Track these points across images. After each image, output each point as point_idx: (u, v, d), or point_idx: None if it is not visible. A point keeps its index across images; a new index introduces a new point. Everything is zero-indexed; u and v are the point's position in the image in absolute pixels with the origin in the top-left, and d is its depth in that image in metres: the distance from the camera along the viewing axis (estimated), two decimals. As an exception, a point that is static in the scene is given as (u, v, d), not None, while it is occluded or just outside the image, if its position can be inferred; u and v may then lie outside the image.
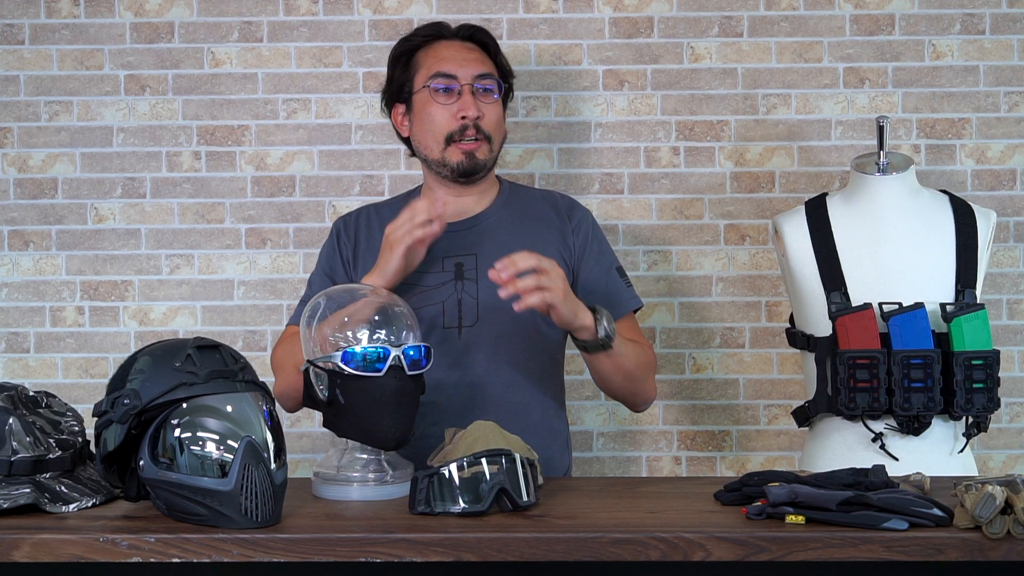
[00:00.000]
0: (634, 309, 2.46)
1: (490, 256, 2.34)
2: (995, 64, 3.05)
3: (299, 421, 3.07)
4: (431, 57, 2.42)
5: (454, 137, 2.38)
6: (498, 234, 2.42)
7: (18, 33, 3.10)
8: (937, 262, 2.46)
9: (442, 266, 2.39)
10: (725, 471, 3.07)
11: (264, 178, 3.09)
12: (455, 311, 2.36)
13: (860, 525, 1.72)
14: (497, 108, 2.42)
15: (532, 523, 1.80)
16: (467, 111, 2.37)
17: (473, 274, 2.38)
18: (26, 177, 3.10)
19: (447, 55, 2.41)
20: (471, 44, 2.45)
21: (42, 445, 1.91)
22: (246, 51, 3.09)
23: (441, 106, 2.38)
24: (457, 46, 2.43)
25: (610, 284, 2.43)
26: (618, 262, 2.49)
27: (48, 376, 3.09)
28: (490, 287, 2.31)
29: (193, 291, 3.09)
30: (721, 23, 3.07)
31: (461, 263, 2.39)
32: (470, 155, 2.38)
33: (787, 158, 3.07)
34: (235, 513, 1.75)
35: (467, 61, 2.40)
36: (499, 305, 2.28)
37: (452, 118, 2.37)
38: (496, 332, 2.35)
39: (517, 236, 2.41)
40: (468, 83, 2.38)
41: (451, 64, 2.40)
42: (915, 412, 2.38)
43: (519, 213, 2.47)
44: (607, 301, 2.38)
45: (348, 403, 1.96)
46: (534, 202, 2.50)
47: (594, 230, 2.48)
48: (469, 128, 2.37)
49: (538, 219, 2.46)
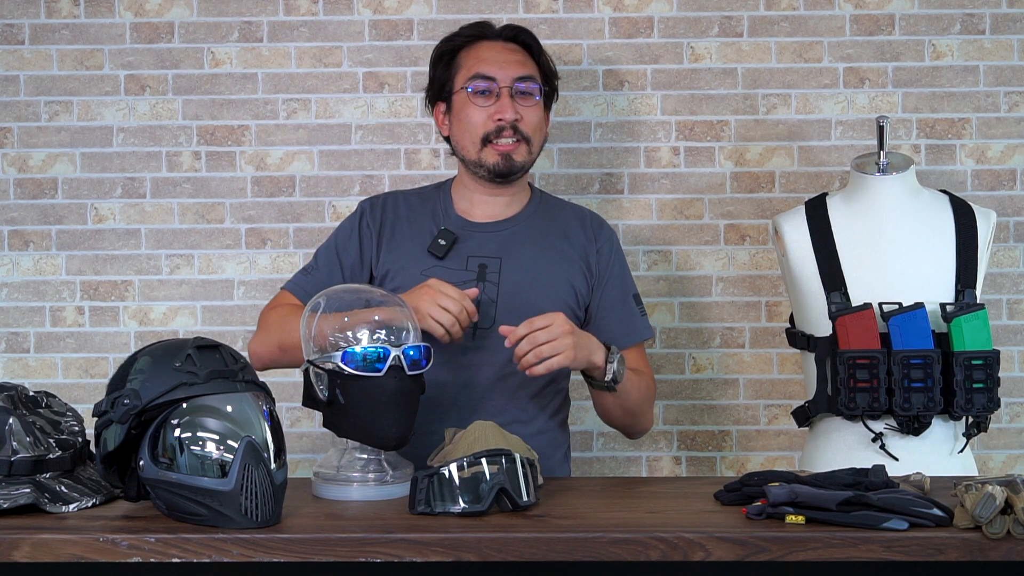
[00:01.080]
0: (645, 339, 2.48)
1: (515, 262, 2.38)
2: (995, 64, 3.05)
3: (299, 421, 3.07)
4: (472, 58, 2.42)
5: (490, 138, 2.38)
6: (525, 242, 2.42)
7: (18, 33, 3.10)
8: (937, 262, 2.46)
9: (466, 265, 2.39)
10: (725, 471, 3.07)
11: (264, 178, 3.09)
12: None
13: (860, 525, 1.72)
14: (537, 110, 2.42)
15: (532, 523, 1.80)
16: (504, 113, 2.37)
17: (496, 277, 2.38)
18: (26, 177, 3.10)
19: (488, 56, 2.41)
20: (513, 45, 2.44)
21: (42, 445, 1.91)
22: (246, 51, 3.09)
23: (479, 108, 2.38)
24: (499, 47, 2.43)
25: (626, 311, 2.45)
26: (636, 289, 2.49)
27: (48, 376, 3.09)
28: (510, 292, 2.35)
29: (193, 291, 3.09)
30: (721, 23, 3.07)
31: (485, 265, 2.39)
32: (506, 156, 2.38)
33: (787, 158, 3.07)
34: (235, 513, 1.75)
35: (507, 63, 2.40)
36: (517, 311, 2.30)
37: (489, 120, 2.37)
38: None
39: (543, 247, 2.42)
40: (507, 85, 2.38)
41: (491, 66, 2.39)
42: (915, 412, 2.38)
43: (548, 224, 2.47)
44: (620, 327, 2.41)
45: (348, 403, 1.96)
46: (563, 216, 2.50)
47: (617, 254, 2.49)
48: (506, 129, 2.37)
49: (565, 234, 2.46)
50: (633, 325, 2.45)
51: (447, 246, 2.39)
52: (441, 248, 2.39)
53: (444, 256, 2.39)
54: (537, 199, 2.51)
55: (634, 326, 2.45)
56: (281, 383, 2.99)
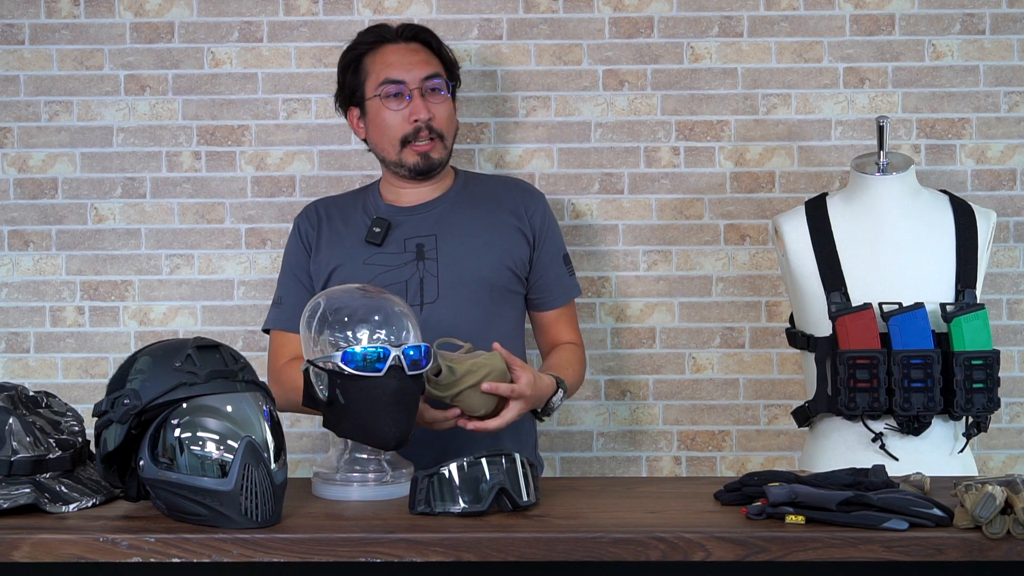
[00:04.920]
0: (575, 297, 2.63)
1: (450, 236, 2.51)
2: (995, 64, 3.05)
3: (299, 421, 3.07)
4: (378, 63, 2.52)
5: (408, 139, 2.49)
6: (456, 216, 2.54)
7: (18, 33, 3.10)
8: (937, 262, 2.46)
9: (403, 247, 2.50)
10: (725, 471, 3.06)
11: (264, 178, 3.09)
12: (417, 289, 2.46)
13: (860, 525, 1.72)
14: (446, 105, 2.53)
15: (532, 523, 1.80)
16: (418, 114, 2.48)
17: (433, 254, 2.49)
18: (26, 177, 3.10)
19: (393, 60, 2.51)
20: (415, 44, 2.55)
21: (42, 445, 1.91)
22: (246, 51, 3.09)
23: (393, 112, 2.49)
24: (402, 49, 2.53)
25: (556, 271, 2.59)
26: (565, 249, 2.63)
27: (48, 376, 3.09)
28: (449, 266, 2.47)
29: (193, 291, 3.09)
30: (721, 23, 3.07)
31: (422, 244, 2.50)
32: (425, 156, 2.50)
33: (787, 158, 3.07)
34: (235, 513, 1.76)
35: (413, 64, 2.51)
36: (458, 283, 2.46)
37: (405, 122, 2.49)
38: (454, 308, 2.45)
39: (475, 218, 2.54)
40: (417, 86, 2.49)
41: (398, 69, 2.50)
42: (915, 412, 2.38)
43: (476, 196, 2.59)
44: (556, 287, 2.59)
45: (348, 403, 1.96)
46: (490, 186, 2.64)
47: (548, 216, 2.62)
48: (423, 130, 2.48)
49: (494, 201, 2.58)
50: (564, 285, 2.60)
51: (382, 232, 2.50)
52: (377, 235, 2.50)
53: (382, 242, 2.50)
54: (463, 177, 2.64)
55: (564, 286, 2.60)
56: (281, 383, 2.99)
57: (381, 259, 2.49)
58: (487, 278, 2.49)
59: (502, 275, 2.51)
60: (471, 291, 2.47)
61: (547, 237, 2.58)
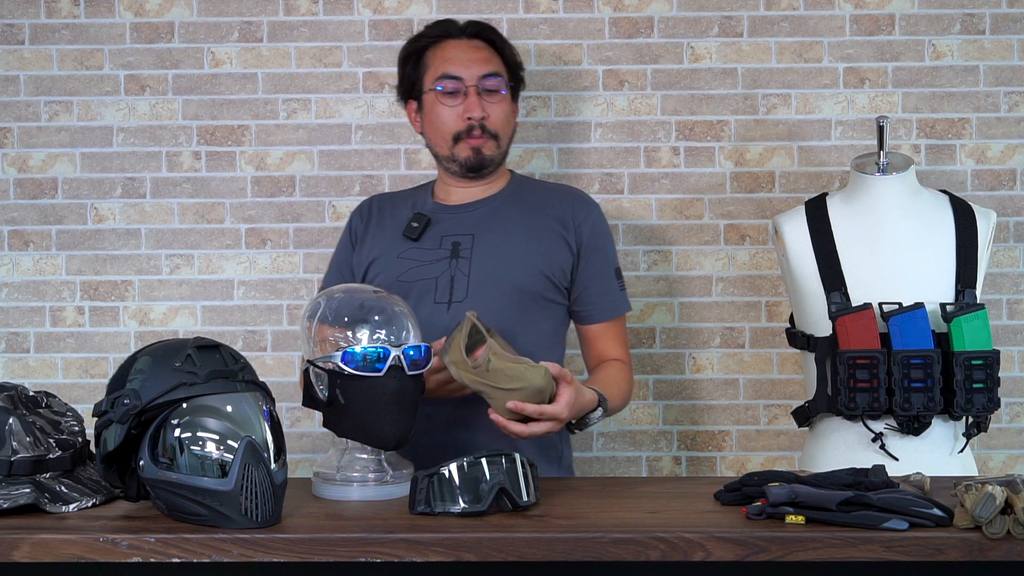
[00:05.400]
0: (623, 314, 2.53)
1: (488, 238, 2.46)
2: (995, 64, 3.05)
3: (299, 421, 3.07)
4: (438, 58, 2.49)
5: (461, 136, 2.46)
6: (497, 217, 2.49)
7: (18, 33, 3.10)
8: (937, 262, 2.46)
9: (440, 243, 2.47)
10: (725, 471, 3.06)
11: (264, 178, 3.09)
12: (447, 287, 2.42)
13: (860, 525, 1.72)
14: (503, 106, 2.49)
15: (532, 523, 1.80)
16: (472, 112, 2.45)
17: (468, 253, 2.45)
18: (26, 177, 3.10)
19: (453, 56, 2.48)
20: (478, 42, 2.52)
21: (42, 445, 1.91)
22: (246, 51, 3.09)
23: (448, 108, 2.46)
24: (463, 46, 2.50)
25: (607, 285, 2.50)
26: (617, 263, 2.54)
27: (48, 376, 3.09)
28: (482, 266, 2.42)
29: (193, 291, 3.09)
30: (721, 23, 3.07)
31: (458, 242, 2.46)
32: (477, 151, 2.46)
33: (787, 158, 3.07)
34: (235, 513, 1.75)
35: (472, 61, 2.47)
36: (488, 284, 2.40)
37: (459, 119, 2.46)
38: (482, 309, 2.33)
39: (518, 222, 2.49)
40: (473, 84, 2.45)
41: (456, 65, 2.47)
42: (915, 412, 2.38)
43: (524, 200, 2.53)
44: (601, 301, 2.48)
45: (348, 403, 1.96)
46: (542, 192, 2.58)
47: (600, 226, 2.53)
48: (476, 128, 2.45)
49: (541, 207, 2.52)
50: (613, 300, 2.50)
51: (420, 228, 2.48)
52: (414, 230, 2.48)
53: (419, 238, 2.48)
54: (517, 181, 2.59)
55: (614, 301, 2.50)
56: (281, 383, 2.99)
57: (415, 254, 2.46)
58: (519, 282, 2.42)
59: (537, 281, 2.43)
60: (501, 293, 2.40)
61: (596, 249, 2.49)
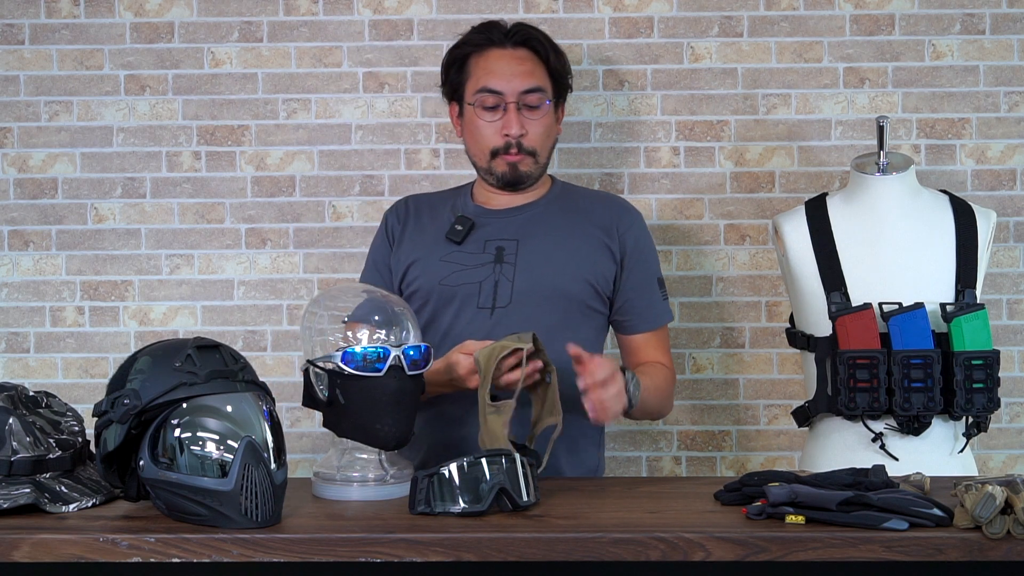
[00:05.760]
0: (665, 323, 2.51)
1: (532, 243, 2.43)
2: (995, 64, 3.05)
3: (299, 421, 3.07)
4: (481, 68, 2.45)
5: (498, 151, 2.43)
6: (542, 223, 2.47)
7: (18, 33, 3.10)
8: (937, 262, 2.46)
9: (483, 248, 2.44)
10: (725, 471, 3.06)
11: (264, 178, 3.09)
12: (491, 292, 2.40)
13: (860, 525, 1.72)
14: (543, 121, 2.44)
15: (532, 523, 1.80)
16: (510, 129, 2.41)
17: (512, 258, 2.42)
18: (26, 177, 3.10)
19: (495, 68, 2.43)
20: (523, 52, 2.46)
21: (42, 445, 1.91)
22: (246, 51, 3.09)
23: (487, 123, 2.43)
24: (507, 56, 2.44)
25: (649, 294, 2.48)
26: (660, 272, 2.52)
27: (48, 376, 3.09)
28: (526, 272, 2.39)
29: (193, 291, 3.09)
30: (721, 23, 3.07)
31: (503, 247, 2.44)
32: (513, 167, 2.43)
33: (787, 158, 3.07)
34: (235, 513, 1.75)
35: (515, 75, 2.42)
36: (532, 290, 2.38)
37: (496, 134, 2.42)
38: (526, 315, 2.36)
39: (562, 228, 2.46)
40: (513, 100, 2.41)
41: (498, 79, 2.42)
42: (915, 412, 2.38)
43: (567, 207, 2.51)
44: (643, 310, 2.46)
45: (348, 403, 1.96)
46: (585, 198, 2.55)
47: (643, 236, 2.51)
48: (513, 146, 2.41)
49: (587, 216, 2.49)
50: (655, 310, 2.48)
51: (464, 231, 2.44)
52: (459, 233, 2.44)
53: (462, 241, 2.44)
54: (559, 187, 2.56)
55: (656, 311, 2.48)
56: (281, 383, 2.99)
57: (459, 257, 2.43)
58: (564, 289, 2.40)
59: (581, 288, 2.42)
60: (545, 299, 2.38)
61: (639, 258, 2.47)
